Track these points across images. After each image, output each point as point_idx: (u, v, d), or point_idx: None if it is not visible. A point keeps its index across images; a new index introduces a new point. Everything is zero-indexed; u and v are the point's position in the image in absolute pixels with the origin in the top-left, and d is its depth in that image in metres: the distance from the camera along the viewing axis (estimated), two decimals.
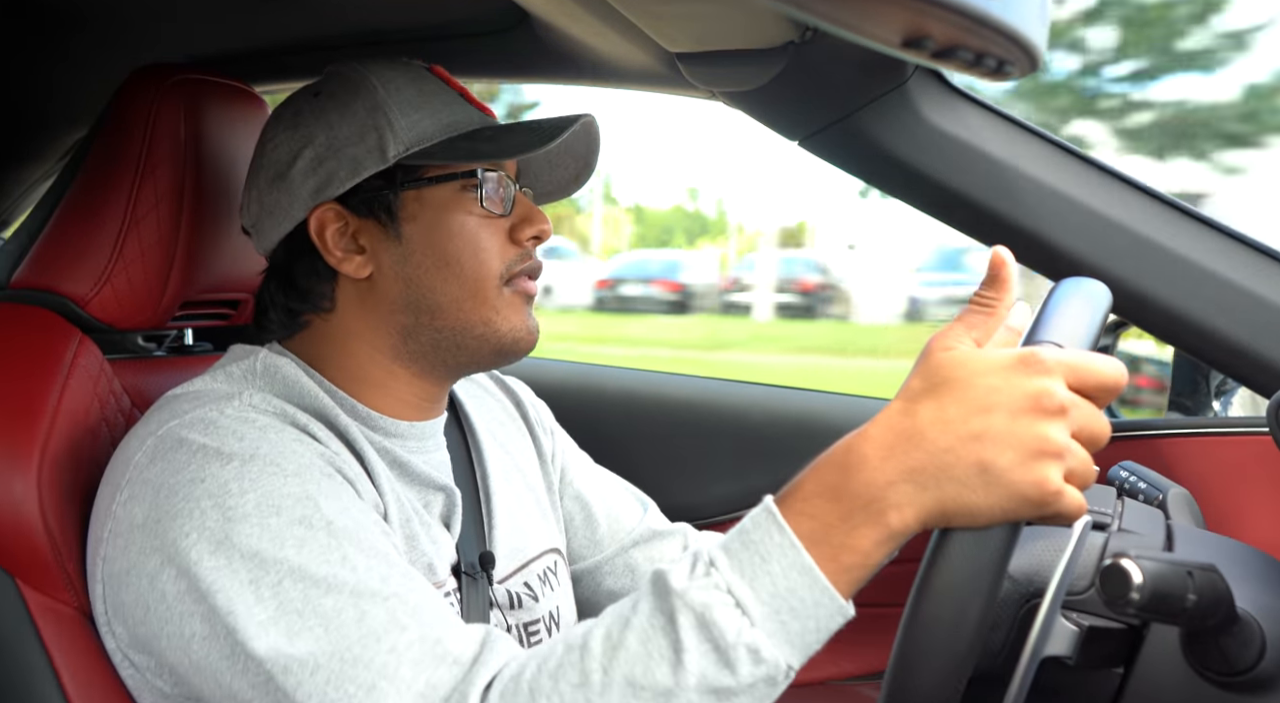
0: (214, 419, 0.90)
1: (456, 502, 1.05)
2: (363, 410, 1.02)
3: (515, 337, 1.03)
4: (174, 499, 0.86)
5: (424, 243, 1.01)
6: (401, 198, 1.01)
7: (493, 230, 1.02)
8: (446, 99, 1.04)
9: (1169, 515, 1.03)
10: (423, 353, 1.03)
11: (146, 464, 0.89)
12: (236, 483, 0.85)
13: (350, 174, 1.00)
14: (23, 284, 1.10)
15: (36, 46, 1.49)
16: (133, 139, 1.09)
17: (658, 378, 1.81)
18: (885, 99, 1.19)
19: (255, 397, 0.94)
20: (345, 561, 0.84)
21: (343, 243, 1.01)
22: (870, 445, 0.74)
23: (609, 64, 1.33)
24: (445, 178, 1.01)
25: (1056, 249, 1.17)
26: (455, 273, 1.01)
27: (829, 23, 0.56)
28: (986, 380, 0.72)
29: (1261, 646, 0.82)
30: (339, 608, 0.81)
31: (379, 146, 0.99)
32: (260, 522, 0.84)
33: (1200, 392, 1.48)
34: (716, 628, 0.73)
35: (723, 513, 1.63)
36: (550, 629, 1.11)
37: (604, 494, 1.28)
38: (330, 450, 0.93)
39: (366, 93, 1.01)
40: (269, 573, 0.82)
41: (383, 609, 0.82)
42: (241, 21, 1.39)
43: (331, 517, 0.86)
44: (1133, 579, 0.73)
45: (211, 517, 0.84)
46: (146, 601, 0.86)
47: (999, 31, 0.57)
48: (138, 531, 0.87)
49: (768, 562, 0.74)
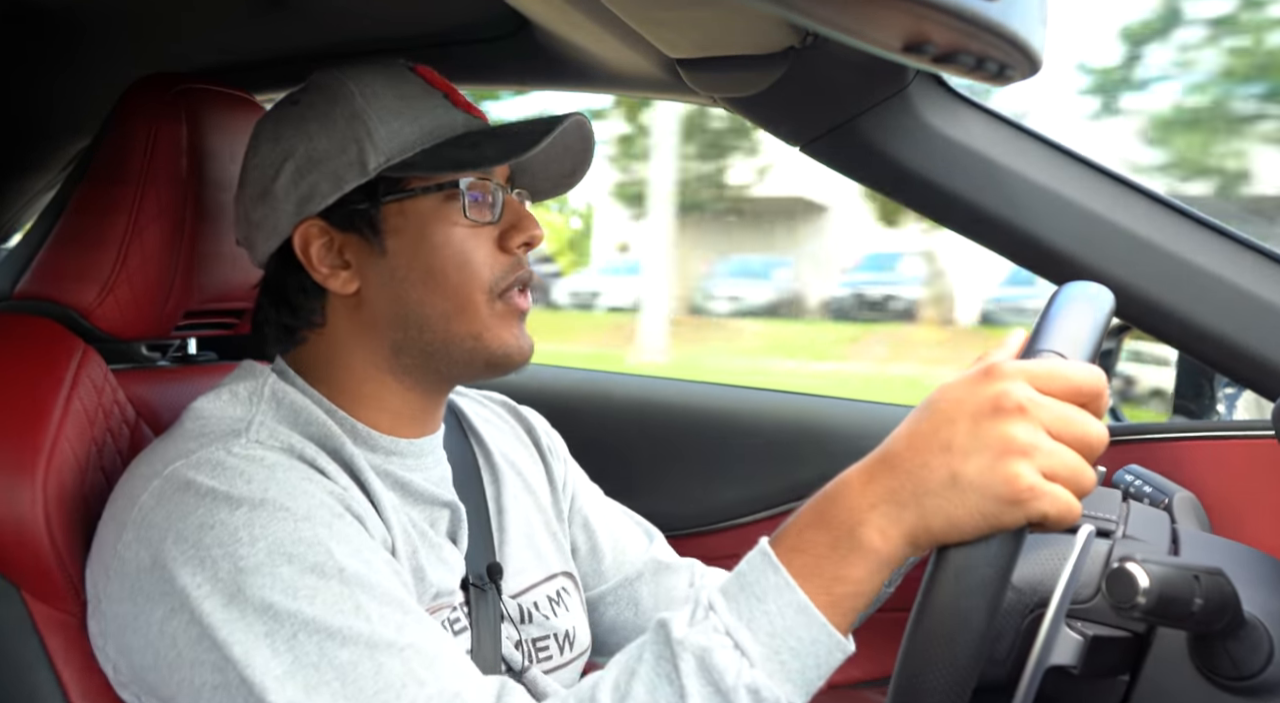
0: (221, 460, 0.88)
1: (462, 516, 1.05)
2: (363, 431, 1.00)
3: (505, 352, 1.00)
4: (183, 546, 0.84)
5: (409, 257, 0.98)
6: (384, 211, 0.98)
7: (480, 240, 1.00)
8: (429, 103, 1.01)
9: (1175, 519, 1.03)
10: (415, 366, 1.01)
11: (153, 506, 0.87)
12: (246, 531, 0.84)
13: (332, 188, 0.98)
14: (26, 294, 1.10)
15: (39, 56, 1.49)
16: (135, 149, 1.09)
17: (665, 385, 1.81)
18: (886, 104, 1.19)
19: (263, 431, 0.93)
20: (359, 610, 0.83)
21: (328, 258, 0.99)
22: (854, 473, 0.77)
23: (610, 70, 1.33)
24: (428, 189, 0.99)
25: (1059, 253, 1.17)
26: (442, 287, 0.98)
27: (830, 28, 0.56)
28: (950, 395, 0.75)
29: (1269, 650, 0.82)
30: (355, 661, 0.81)
31: (359, 159, 0.97)
32: (272, 572, 0.83)
33: (1205, 395, 1.48)
34: (716, 671, 0.74)
35: (733, 518, 1.63)
36: (562, 648, 1.09)
37: (611, 525, 1.26)
38: (339, 486, 0.92)
39: (345, 101, 0.99)
40: (283, 626, 0.81)
41: (399, 661, 0.81)
42: (244, 31, 1.40)
43: (344, 563, 0.84)
44: (1139, 583, 0.73)
45: (223, 566, 0.83)
46: (156, 647, 0.85)
47: (1000, 36, 0.57)
48: (144, 575, 0.86)
49: (764, 602, 0.75)
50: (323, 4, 1.30)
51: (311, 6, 1.30)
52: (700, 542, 1.63)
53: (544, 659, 1.07)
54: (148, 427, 1.11)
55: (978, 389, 0.73)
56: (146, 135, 1.09)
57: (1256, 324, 1.11)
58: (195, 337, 1.33)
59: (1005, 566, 0.71)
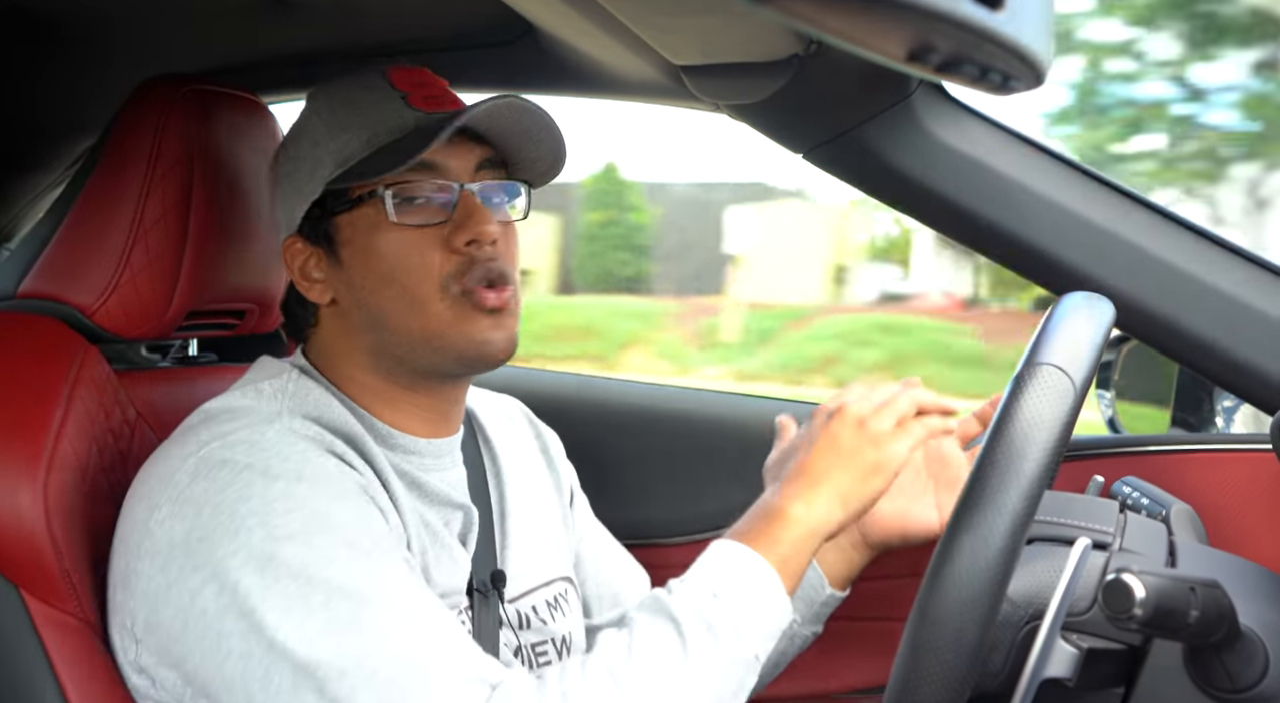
0: (257, 439, 0.91)
1: (474, 520, 1.06)
2: (382, 429, 1.02)
3: (475, 347, 1.00)
4: (219, 516, 0.87)
5: (361, 266, 1.01)
6: (335, 223, 1.01)
7: (427, 242, 0.99)
8: (382, 107, 1.01)
9: (1172, 531, 1.03)
10: (396, 367, 1.03)
11: (188, 482, 0.89)
12: (282, 502, 0.87)
13: (299, 204, 1.02)
14: (30, 294, 1.10)
15: (44, 56, 1.49)
16: (141, 149, 1.09)
17: (657, 390, 1.81)
18: (889, 113, 1.19)
19: (295, 421, 0.95)
20: (390, 581, 0.87)
21: (307, 272, 1.03)
22: (774, 487, 1.02)
23: (613, 76, 1.33)
24: (362, 197, 0.99)
25: (1060, 264, 1.17)
26: (396, 292, 0.99)
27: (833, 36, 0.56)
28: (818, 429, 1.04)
29: (1265, 662, 0.81)
30: (387, 629, 0.85)
31: (312, 173, 1.01)
32: (306, 541, 0.85)
33: (1203, 408, 1.48)
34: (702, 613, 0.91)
35: (725, 525, 1.62)
36: (560, 653, 1.10)
37: (609, 557, 1.28)
38: (365, 479, 0.95)
39: (311, 116, 1.04)
40: (317, 591, 0.84)
41: (425, 628, 0.86)
42: (250, 33, 1.40)
43: (375, 541, 0.89)
44: (1135, 594, 0.73)
45: (258, 535, 0.85)
46: (185, 617, 0.87)
47: (1004, 46, 0.57)
48: (178, 548, 0.88)
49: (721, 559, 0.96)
50: (328, 7, 1.30)
51: (317, 9, 1.30)
52: (693, 549, 1.62)
53: (543, 664, 1.08)
54: (149, 427, 1.11)
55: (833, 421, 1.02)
56: (152, 136, 1.10)
57: (1255, 337, 1.11)
58: (197, 338, 1.33)
59: (1001, 576, 0.71)
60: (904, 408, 1.03)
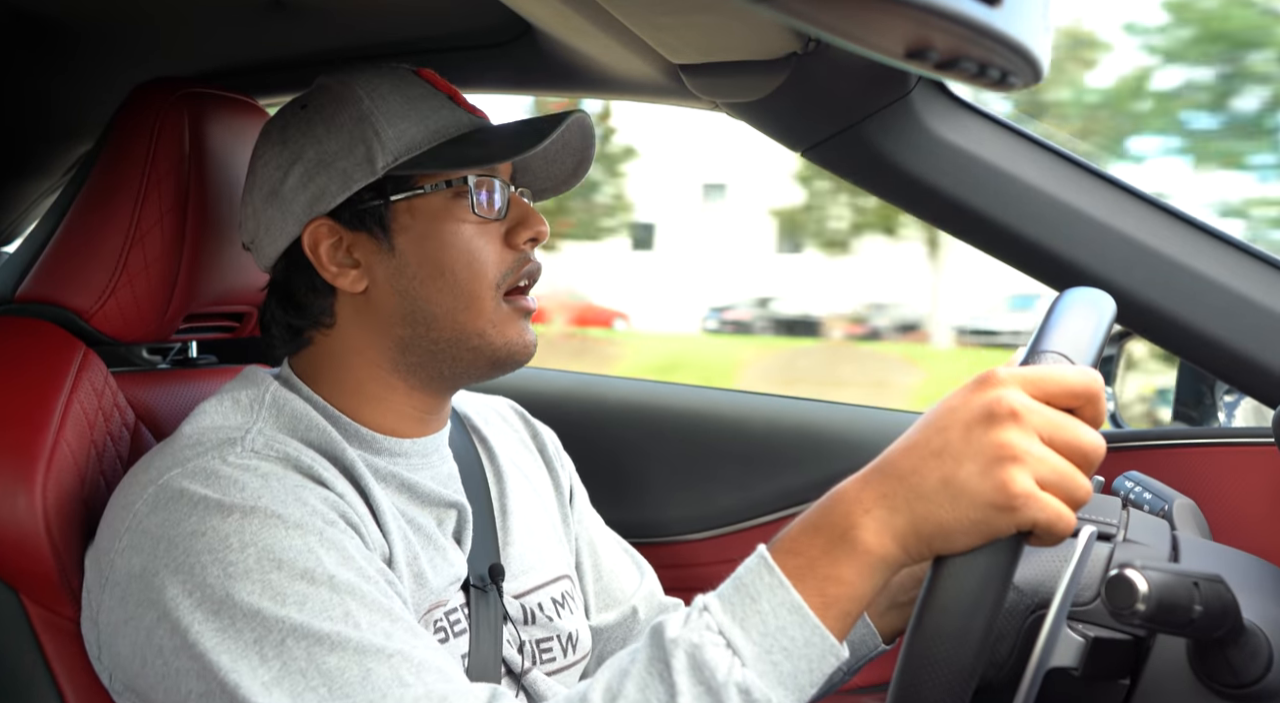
0: (215, 469, 0.89)
1: (468, 517, 1.05)
2: (366, 435, 1.01)
3: (511, 350, 1.02)
4: (174, 552, 0.85)
5: (417, 254, 1.00)
6: (393, 209, 1.00)
7: (488, 237, 1.01)
8: (434, 104, 1.02)
9: (1174, 526, 1.03)
10: (420, 365, 1.02)
11: (147, 514, 0.88)
12: (237, 537, 0.84)
13: (341, 188, 0.99)
14: (27, 297, 1.10)
15: (42, 60, 1.49)
16: (137, 152, 1.09)
17: (657, 388, 1.81)
18: (889, 110, 1.19)
19: (259, 439, 0.93)
20: (348, 617, 0.83)
21: (337, 257, 1.00)
22: (851, 480, 0.78)
23: (612, 75, 1.33)
24: (436, 186, 1.00)
25: (1060, 259, 1.17)
26: (450, 283, 0.99)
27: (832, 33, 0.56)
28: (945, 404, 0.75)
29: (1268, 657, 0.81)
30: (342, 667, 0.81)
31: (367, 158, 0.98)
32: (261, 578, 0.83)
33: (1205, 402, 1.48)
34: (708, 668, 0.74)
35: (724, 524, 1.62)
36: (565, 650, 1.10)
37: (610, 553, 1.26)
38: (335, 494, 0.92)
39: (352, 103, 1.00)
40: (271, 632, 0.82)
41: (387, 667, 0.82)
42: (246, 35, 1.40)
43: (334, 571, 0.85)
44: (1138, 590, 0.73)
45: (212, 572, 0.83)
46: (143, 654, 0.86)
47: (1002, 42, 0.57)
48: (135, 581, 0.87)
49: (757, 601, 0.75)
50: (325, 8, 1.30)
51: (313, 11, 1.30)
52: (692, 548, 1.62)
53: (547, 661, 1.07)
54: (148, 430, 1.11)
55: (972, 397, 0.74)
56: (149, 139, 1.09)
57: (1257, 331, 1.11)
58: (196, 340, 1.33)
59: (1005, 570, 0.71)
60: (1087, 441, 0.73)
